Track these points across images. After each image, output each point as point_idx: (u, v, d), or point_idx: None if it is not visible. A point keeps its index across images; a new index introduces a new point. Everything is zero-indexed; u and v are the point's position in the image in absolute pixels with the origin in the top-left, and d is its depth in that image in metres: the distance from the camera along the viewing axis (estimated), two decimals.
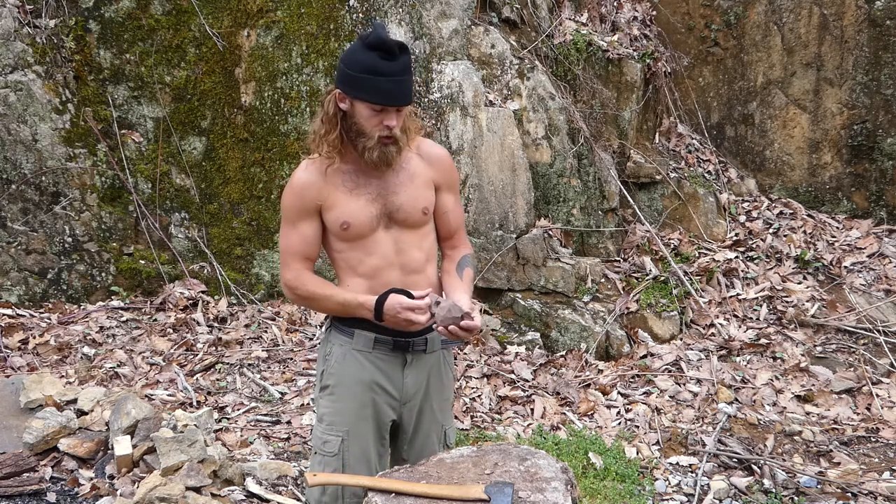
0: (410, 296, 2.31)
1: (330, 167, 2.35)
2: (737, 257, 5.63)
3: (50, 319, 5.11)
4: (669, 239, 5.78)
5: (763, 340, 5.07)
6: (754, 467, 4.11)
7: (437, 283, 2.51)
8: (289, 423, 4.33)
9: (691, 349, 5.06)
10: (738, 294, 5.42)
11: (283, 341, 5.14)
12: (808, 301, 5.33)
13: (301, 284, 2.40)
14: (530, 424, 4.45)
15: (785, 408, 4.62)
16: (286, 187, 2.41)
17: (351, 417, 2.40)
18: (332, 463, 2.40)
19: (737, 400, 4.68)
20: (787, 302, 5.35)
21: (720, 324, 5.19)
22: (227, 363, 4.85)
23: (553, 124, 5.34)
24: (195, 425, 3.64)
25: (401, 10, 5.24)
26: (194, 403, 4.41)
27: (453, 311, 2.28)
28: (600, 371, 4.95)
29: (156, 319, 5.22)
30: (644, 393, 4.75)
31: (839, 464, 4.12)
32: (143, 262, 5.49)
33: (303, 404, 4.50)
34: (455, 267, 2.54)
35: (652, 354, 5.03)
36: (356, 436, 2.40)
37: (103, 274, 5.42)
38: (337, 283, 2.46)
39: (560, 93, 5.46)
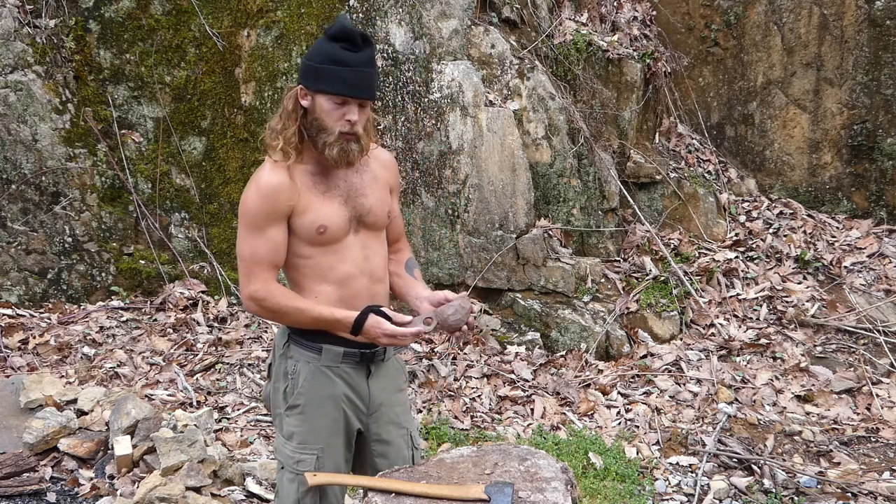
0: (387, 317, 2.26)
1: (293, 167, 2.25)
2: (737, 257, 5.63)
3: (50, 319, 5.11)
4: (669, 239, 5.78)
5: (763, 340, 5.07)
6: (754, 467, 4.11)
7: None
8: None
9: (691, 349, 5.06)
10: (738, 294, 5.42)
11: None
12: (808, 301, 5.33)
13: (270, 296, 2.25)
14: (530, 424, 4.45)
15: (785, 408, 4.62)
16: (251, 190, 2.25)
17: (324, 434, 2.35)
18: None
19: (737, 400, 4.68)
20: (787, 302, 5.35)
21: (720, 324, 5.19)
22: (227, 363, 4.86)
23: (553, 124, 5.34)
24: (195, 425, 3.64)
25: (401, 10, 5.24)
26: (194, 403, 4.41)
27: (465, 304, 2.29)
28: (600, 371, 4.95)
29: (156, 319, 5.22)
30: (644, 393, 4.75)
31: (839, 464, 4.12)
32: (143, 262, 5.49)
33: None
34: (404, 269, 2.52)
35: (652, 354, 5.03)
36: (329, 451, 2.36)
37: (103, 274, 5.42)
38: (298, 291, 2.35)
39: (560, 93, 5.46)
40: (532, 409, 4.60)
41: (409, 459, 2.50)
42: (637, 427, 4.46)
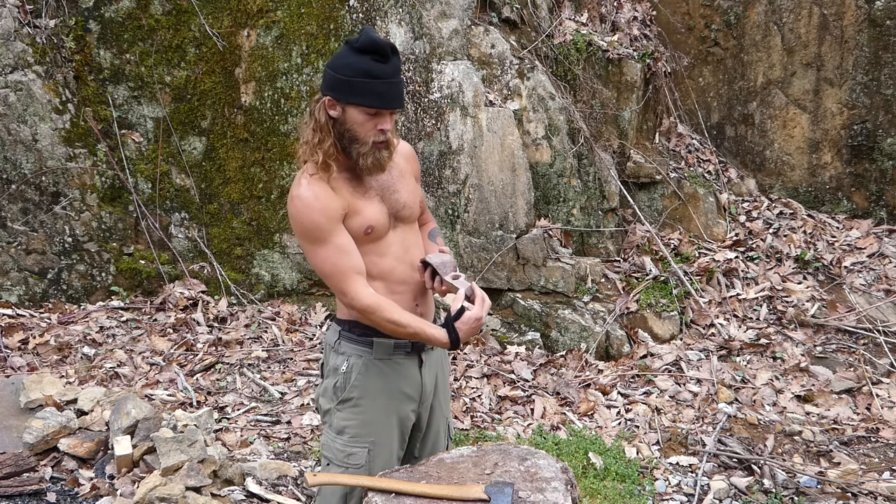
0: (459, 311, 2.31)
1: (330, 177, 2.28)
2: (737, 257, 5.63)
3: (50, 319, 5.11)
4: (669, 239, 5.78)
5: (763, 340, 5.07)
6: (754, 467, 4.11)
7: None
8: (289, 423, 4.33)
9: (691, 349, 5.06)
10: (738, 294, 5.42)
11: (283, 341, 5.14)
12: (808, 301, 5.33)
13: (380, 309, 2.27)
14: (530, 424, 4.45)
15: (785, 408, 4.62)
16: (298, 209, 2.25)
17: (377, 427, 2.39)
18: (360, 474, 2.39)
19: (737, 400, 4.68)
20: (787, 302, 5.35)
21: (720, 324, 5.19)
22: (227, 363, 4.85)
23: (553, 124, 5.34)
24: (195, 425, 3.64)
25: (401, 10, 5.24)
26: (194, 403, 4.41)
27: (444, 259, 2.39)
28: (600, 371, 4.95)
29: (156, 319, 5.22)
30: (644, 393, 4.75)
31: (839, 464, 4.12)
32: (143, 262, 5.49)
33: (303, 404, 4.50)
34: (427, 237, 2.60)
35: (652, 354, 5.03)
36: (381, 445, 2.40)
37: (103, 274, 5.42)
38: None
39: (560, 93, 5.46)
40: (532, 409, 4.60)
41: (446, 448, 2.56)
42: (637, 427, 4.46)
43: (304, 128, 2.33)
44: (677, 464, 4.18)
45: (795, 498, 3.85)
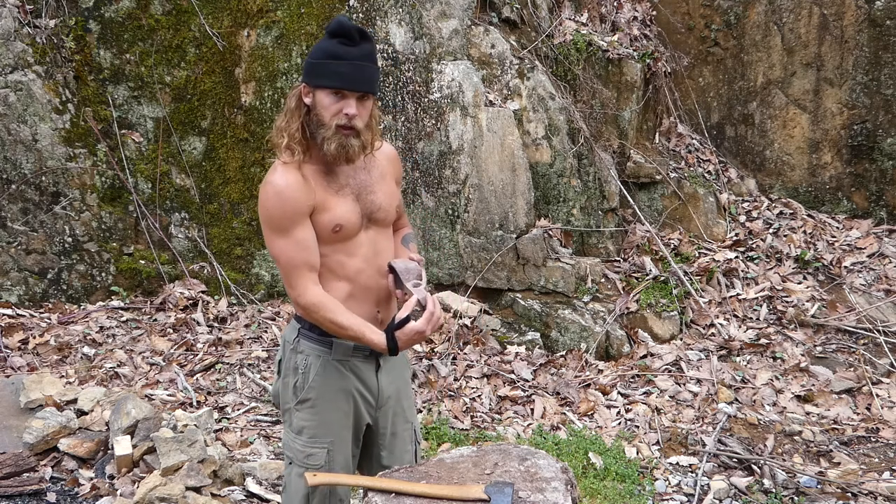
0: (404, 320, 2.29)
1: (304, 167, 2.25)
2: (737, 257, 5.63)
3: (50, 319, 5.11)
4: (669, 239, 5.78)
5: (763, 340, 5.07)
6: (754, 467, 4.11)
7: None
8: None
9: (691, 349, 5.06)
10: (738, 294, 5.42)
11: None
12: (808, 301, 5.33)
13: (323, 308, 2.26)
14: (530, 424, 4.45)
15: (785, 408, 4.62)
16: (267, 194, 2.23)
17: (335, 428, 2.38)
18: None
19: (737, 400, 4.68)
20: (787, 302, 5.35)
21: (720, 324, 5.19)
22: (227, 363, 4.85)
23: (553, 124, 5.34)
24: (195, 425, 3.64)
25: (401, 10, 5.24)
26: (194, 403, 4.41)
27: (409, 266, 2.34)
28: (600, 371, 4.95)
29: (156, 319, 5.22)
30: (644, 393, 4.75)
31: (839, 464, 4.12)
32: (143, 262, 5.49)
33: None
34: (401, 241, 2.56)
35: (652, 354, 5.03)
36: (339, 445, 2.39)
37: (103, 274, 5.42)
38: None
39: (560, 93, 5.46)
40: (532, 409, 4.60)
41: (413, 454, 2.52)
42: (637, 427, 4.46)
43: (279, 116, 2.33)
44: (677, 464, 4.18)
45: (795, 498, 3.85)
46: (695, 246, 5.72)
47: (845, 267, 5.59)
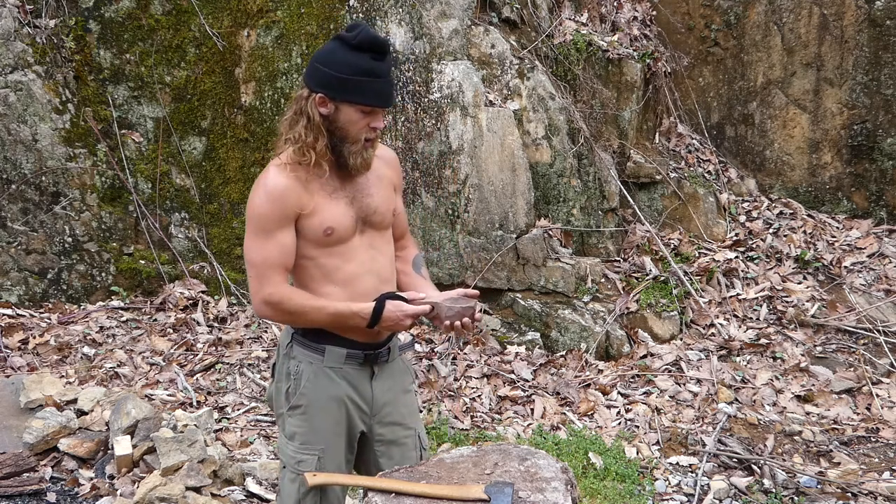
0: (405, 300, 2.27)
1: (298, 168, 2.23)
2: (737, 257, 5.63)
3: (50, 319, 5.11)
4: (669, 239, 5.78)
5: (763, 340, 5.07)
6: (754, 467, 4.11)
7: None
8: None
9: (691, 349, 5.06)
10: (738, 294, 5.42)
11: None
12: (808, 301, 5.33)
13: (287, 299, 2.24)
14: (530, 424, 4.45)
15: (785, 408, 4.62)
16: (259, 195, 2.24)
17: (326, 435, 2.35)
18: None
19: (737, 400, 4.68)
20: (787, 302, 5.35)
21: (720, 324, 5.19)
22: (227, 363, 4.86)
23: (553, 124, 5.34)
24: (195, 425, 3.64)
25: (401, 10, 5.24)
26: (194, 403, 4.41)
27: (461, 303, 2.27)
28: (600, 371, 4.95)
29: (156, 319, 5.22)
30: (644, 393, 4.75)
31: (839, 464, 4.12)
32: (143, 262, 5.49)
33: None
34: (411, 267, 2.51)
35: (652, 354, 5.03)
36: (331, 452, 2.36)
37: (103, 274, 5.42)
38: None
39: (560, 93, 5.46)
40: (532, 409, 4.60)
41: (418, 460, 2.48)
42: (637, 427, 4.46)
43: (287, 124, 2.28)
44: (677, 464, 4.18)
45: (795, 498, 3.85)
46: (695, 246, 5.72)
47: (845, 267, 5.59)
